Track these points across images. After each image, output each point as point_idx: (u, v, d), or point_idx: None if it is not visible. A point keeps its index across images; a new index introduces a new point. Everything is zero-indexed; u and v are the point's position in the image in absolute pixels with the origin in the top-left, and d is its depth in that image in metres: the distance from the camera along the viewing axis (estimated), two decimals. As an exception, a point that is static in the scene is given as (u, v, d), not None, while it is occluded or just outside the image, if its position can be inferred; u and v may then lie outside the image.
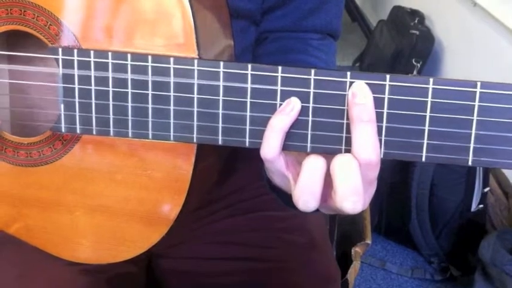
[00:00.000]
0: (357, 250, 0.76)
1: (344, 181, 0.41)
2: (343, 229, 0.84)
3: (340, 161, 0.42)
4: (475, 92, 0.40)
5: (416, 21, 1.99)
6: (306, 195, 0.43)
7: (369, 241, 0.77)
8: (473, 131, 0.40)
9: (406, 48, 1.98)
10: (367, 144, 0.41)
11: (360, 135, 0.41)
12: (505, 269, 1.30)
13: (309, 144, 0.44)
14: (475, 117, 0.40)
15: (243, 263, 0.69)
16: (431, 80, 0.40)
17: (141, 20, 0.47)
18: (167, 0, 0.47)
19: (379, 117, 0.42)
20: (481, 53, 1.77)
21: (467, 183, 1.49)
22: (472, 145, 0.40)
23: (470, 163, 0.40)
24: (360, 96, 0.41)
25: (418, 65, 1.95)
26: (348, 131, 0.42)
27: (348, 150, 0.43)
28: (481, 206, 1.54)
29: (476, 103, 0.40)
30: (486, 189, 1.54)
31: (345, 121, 0.42)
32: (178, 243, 0.69)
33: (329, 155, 0.43)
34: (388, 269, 1.54)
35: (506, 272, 1.29)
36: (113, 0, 0.48)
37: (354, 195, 0.42)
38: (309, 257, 0.70)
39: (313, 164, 0.43)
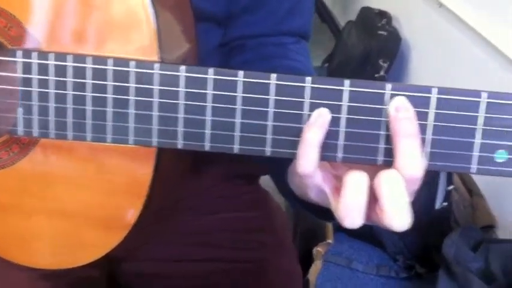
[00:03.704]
0: (318, 250, 0.77)
1: (393, 200, 0.40)
2: (305, 228, 0.85)
3: (386, 178, 0.40)
4: (429, 97, 0.41)
5: (383, 22, 2.01)
6: (352, 213, 0.41)
7: (330, 240, 0.78)
8: (430, 137, 0.41)
9: (374, 48, 2.00)
10: (412, 159, 0.40)
11: (405, 150, 0.41)
12: (468, 266, 1.32)
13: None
14: (430, 122, 0.41)
15: (207, 264, 0.69)
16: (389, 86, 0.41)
17: (103, 22, 0.47)
18: (130, 4, 0.46)
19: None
20: (446, 53, 1.80)
21: (431, 181, 1.51)
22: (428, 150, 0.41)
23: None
24: (404, 110, 0.41)
25: (385, 65, 1.97)
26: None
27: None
28: (445, 203, 1.56)
29: (432, 110, 0.41)
30: (450, 187, 1.56)
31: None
32: (140, 245, 0.68)
33: (364, 168, 0.42)
34: (354, 267, 1.56)
35: (469, 270, 1.32)
36: (76, 3, 0.47)
37: (403, 213, 0.41)
38: (276, 258, 0.71)
39: (358, 181, 0.41)
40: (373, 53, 2.00)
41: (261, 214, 0.73)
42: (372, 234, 1.59)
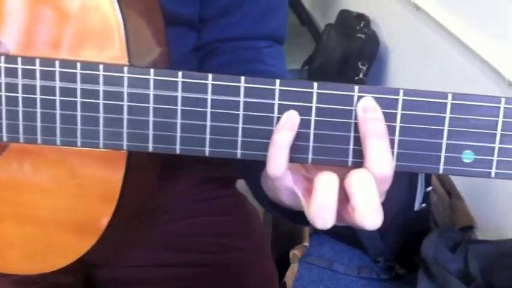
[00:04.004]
0: (295, 253, 0.77)
1: (364, 198, 0.41)
2: (283, 232, 0.85)
3: (357, 177, 0.41)
4: (397, 99, 0.41)
5: (362, 25, 2.03)
6: (323, 213, 0.42)
7: (306, 244, 0.78)
8: (396, 137, 0.42)
9: (353, 51, 2.01)
10: (382, 159, 0.41)
11: (374, 150, 0.41)
12: (447, 267, 1.34)
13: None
14: (397, 124, 0.41)
15: (186, 268, 0.69)
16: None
17: (70, 26, 0.47)
18: (97, 8, 0.46)
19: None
20: (424, 55, 1.81)
21: (410, 183, 1.52)
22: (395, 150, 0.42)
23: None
24: (372, 111, 0.41)
25: (364, 68, 1.98)
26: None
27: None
28: (424, 205, 1.58)
29: (399, 111, 0.41)
30: (429, 189, 1.58)
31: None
32: (116, 251, 0.68)
33: (337, 170, 0.42)
34: (336, 269, 1.56)
35: (448, 270, 1.33)
36: (50, 13, 0.47)
37: (374, 211, 0.41)
38: (250, 261, 0.71)
39: (328, 181, 0.41)
40: (352, 55, 2.01)
41: (237, 218, 0.73)
42: (352, 236, 1.60)
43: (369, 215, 0.41)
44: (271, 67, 0.64)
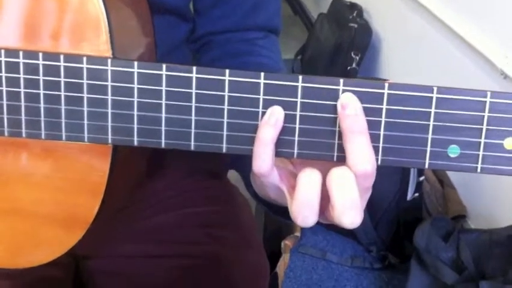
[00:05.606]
0: (286, 243, 0.77)
1: (342, 196, 0.40)
2: (274, 222, 0.85)
3: (336, 175, 0.41)
4: (382, 93, 0.41)
5: (354, 14, 2.02)
6: (305, 211, 0.42)
7: (298, 234, 0.78)
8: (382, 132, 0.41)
9: (345, 41, 2.00)
10: (361, 156, 0.40)
11: (353, 146, 0.41)
12: (439, 256, 1.34)
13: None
14: (382, 118, 0.41)
15: (174, 260, 0.69)
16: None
17: (53, 20, 0.46)
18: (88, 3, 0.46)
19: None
20: (416, 45, 1.81)
21: (403, 173, 1.52)
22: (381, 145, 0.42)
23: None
24: (350, 107, 0.41)
25: (357, 57, 1.97)
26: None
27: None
28: (417, 194, 1.58)
29: (384, 105, 0.41)
30: (421, 178, 1.58)
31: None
32: (105, 242, 0.68)
33: (323, 167, 0.42)
34: (329, 259, 1.57)
35: (440, 259, 1.33)
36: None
37: (352, 209, 0.41)
38: (239, 253, 0.71)
39: (310, 178, 0.41)
40: (344, 45, 2.00)
41: (227, 209, 0.73)
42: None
43: (347, 213, 0.41)
44: (263, 59, 0.63)
